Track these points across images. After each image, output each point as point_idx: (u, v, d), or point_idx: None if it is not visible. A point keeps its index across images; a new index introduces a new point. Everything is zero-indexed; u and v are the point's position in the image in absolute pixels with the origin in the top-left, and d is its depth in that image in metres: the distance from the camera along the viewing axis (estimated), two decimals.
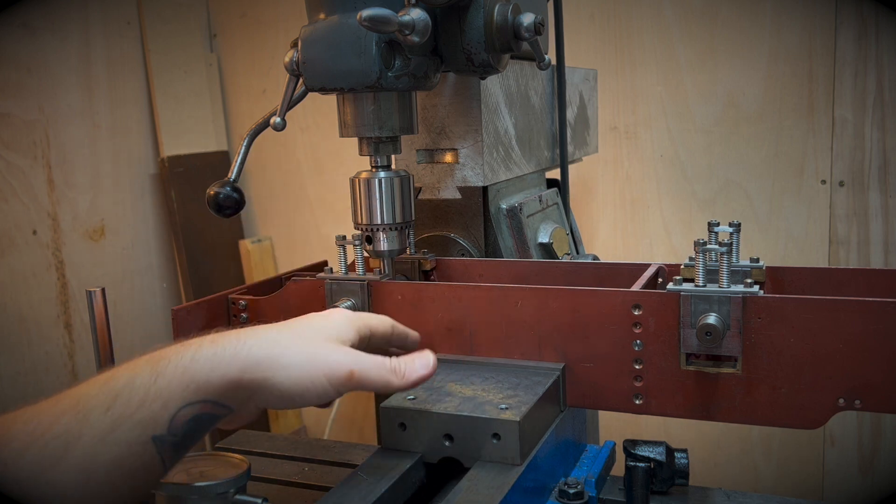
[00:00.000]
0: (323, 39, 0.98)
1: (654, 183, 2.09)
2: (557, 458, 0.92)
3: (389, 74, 0.98)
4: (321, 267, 1.18)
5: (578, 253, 1.49)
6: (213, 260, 2.57)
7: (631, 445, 0.93)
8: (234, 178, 1.08)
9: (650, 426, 2.11)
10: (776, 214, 1.98)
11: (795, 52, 1.89)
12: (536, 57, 1.11)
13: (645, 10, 2.02)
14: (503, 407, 0.85)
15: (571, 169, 1.50)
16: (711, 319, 0.85)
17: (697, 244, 0.88)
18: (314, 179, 2.58)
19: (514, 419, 0.82)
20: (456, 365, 0.99)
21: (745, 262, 1.00)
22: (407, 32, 0.92)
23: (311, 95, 1.05)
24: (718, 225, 0.94)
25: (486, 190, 1.21)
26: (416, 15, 0.92)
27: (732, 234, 0.96)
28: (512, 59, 1.17)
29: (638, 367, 0.92)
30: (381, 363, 0.76)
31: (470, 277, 1.16)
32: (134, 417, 0.64)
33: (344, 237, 1.07)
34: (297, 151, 2.58)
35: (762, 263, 1.01)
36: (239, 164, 1.09)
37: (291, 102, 1.06)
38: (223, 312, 1.14)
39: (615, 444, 1.02)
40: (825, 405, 0.85)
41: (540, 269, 1.14)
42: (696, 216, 2.06)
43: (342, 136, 1.07)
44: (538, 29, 1.04)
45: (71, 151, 2.22)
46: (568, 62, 1.47)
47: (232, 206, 1.06)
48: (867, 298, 0.82)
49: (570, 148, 1.49)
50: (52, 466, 0.61)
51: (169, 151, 2.46)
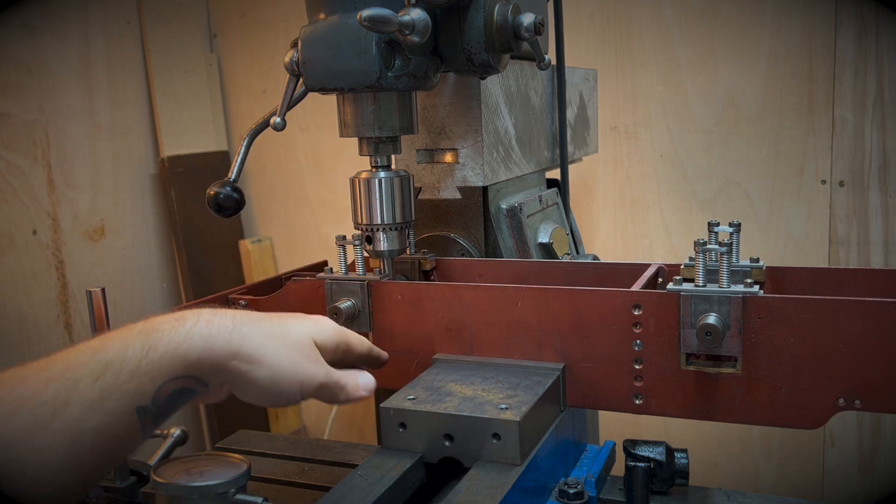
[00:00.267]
0: (323, 39, 0.98)
1: (654, 183, 2.09)
2: (557, 458, 0.92)
3: (389, 74, 0.98)
4: (321, 267, 1.18)
5: (578, 253, 1.49)
6: (213, 260, 2.57)
7: (631, 445, 0.93)
8: (234, 178, 1.08)
9: (650, 426, 2.11)
10: (776, 214, 1.98)
11: (795, 52, 1.89)
12: (536, 57, 1.10)
13: (645, 10, 2.02)
14: (503, 407, 0.85)
15: (571, 169, 1.50)
16: (711, 319, 0.85)
17: (697, 244, 0.88)
18: (314, 179, 2.58)
19: (514, 419, 0.82)
20: (456, 365, 0.99)
21: (745, 262, 1.00)
22: (407, 32, 0.92)
23: (311, 95, 1.05)
24: (718, 225, 0.94)
25: (486, 190, 1.21)
26: (416, 15, 0.92)
27: (732, 234, 0.96)
28: (512, 59, 1.17)
29: (638, 367, 0.92)
30: (341, 381, 0.81)
31: (470, 277, 1.16)
32: (122, 388, 0.66)
33: (344, 237, 1.07)
34: (297, 151, 2.58)
35: (762, 263, 1.01)
36: (239, 164, 1.09)
37: (291, 102, 1.06)
38: None
39: (615, 444, 1.02)
40: (825, 405, 0.85)
41: (540, 269, 1.14)
42: (696, 216, 2.06)
43: (342, 136, 1.07)
44: (538, 29, 1.04)
45: (71, 151, 2.22)
46: (568, 62, 1.47)
47: (232, 206, 1.06)
48: (867, 298, 0.82)
49: (570, 148, 1.49)
50: (40, 430, 0.63)
51: (169, 151, 2.46)
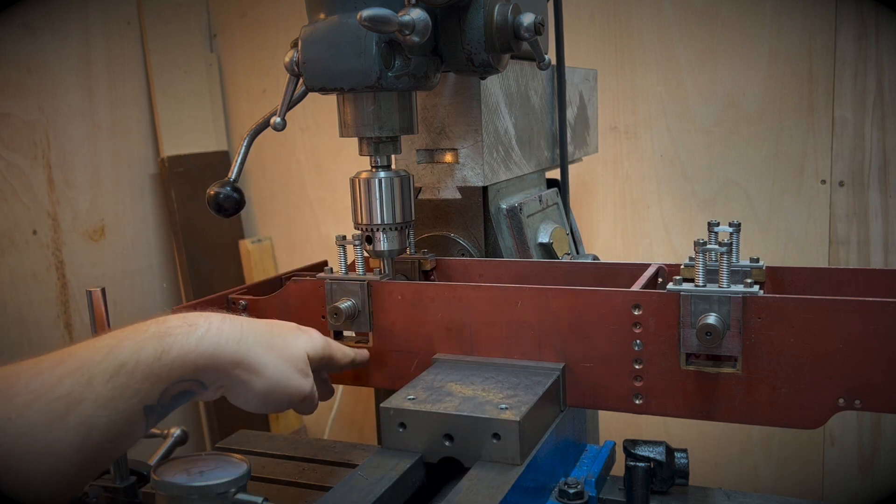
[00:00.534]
0: (323, 39, 0.98)
1: (654, 183, 2.09)
2: (557, 458, 0.92)
3: (389, 74, 0.98)
4: (321, 267, 1.18)
5: (578, 253, 1.49)
6: (213, 260, 2.57)
7: (631, 445, 0.93)
8: (234, 178, 1.08)
9: (650, 426, 2.11)
10: (776, 214, 1.98)
11: (795, 52, 1.89)
12: (536, 57, 1.10)
13: (645, 10, 2.02)
14: (503, 407, 0.85)
15: (571, 169, 1.50)
16: (711, 319, 0.85)
17: (697, 244, 0.88)
18: (314, 179, 2.58)
19: (514, 419, 0.82)
20: (456, 365, 0.99)
21: (745, 262, 1.00)
22: (407, 32, 0.92)
23: (311, 95, 1.05)
24: (718, 225, 0.94)
25: (486, 190, 1.21)
26: (416, 15, 0.92)
27: (732, 234, 0.96)
28: (512, 59, 1.17)
29: (638, 367, 0.92)
30: (316, 397, 0.91)
31: (470, 277, 1.16)
32: (133, 388, 0.70)
33: (344, 237, 1.07)
34: (297, 151, 2.58)
35: (762, 263, 1.01)
36: (239, 164, 1.09)
37: (291, 102, 1.06)
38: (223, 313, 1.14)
39: (615, 444, 1.02)
40: (825, 405, 0.85)
41: (540, 269, 1.14)
42: (696, 216, 2.06)
43: (342, 136, 1.07)
44: (538, 29, 1.04)
45: (71, 151, 2.22)
46: (568, 62, 1.47)
47: (232, 206, 1.06)
48: (867, 298, 0.82)
49: (570, 148, 1.49)
50: (54, 424, 0.66)
51: (169, 151, 2.45)
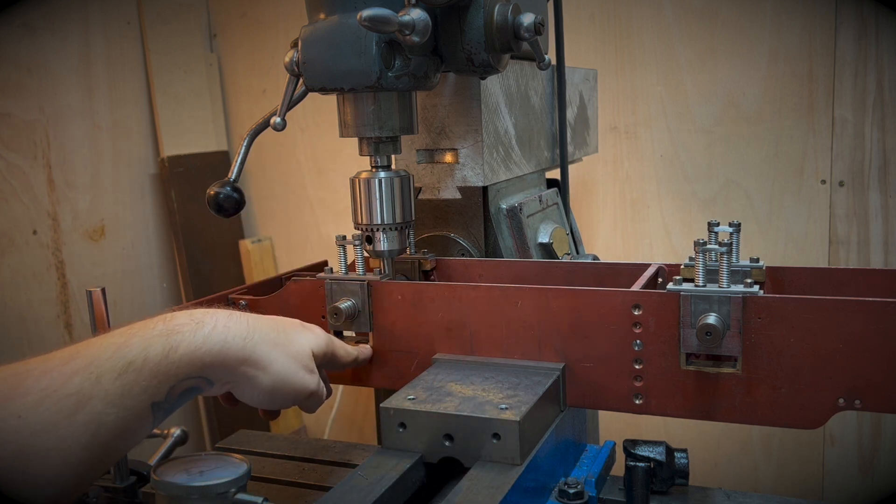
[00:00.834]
0: (323, 39, 0.98)
1: (654, 183, 2.09)
2: (557, 458, 0.92)
3: (389, 74, 0.98)
4: (321, 267, 1.18)
5: (578, 253, 1.49)
6: (213, 260, 2.57)
7: (631, 445, 0.93)
8: (234, 178, 1.08)
9: (650, 426, 2.11)
10: (776, 214, 1.98)
11: (795, 52, 1.89)
12: (536, 57, 1.10)
13: (645, 10, 2.02)
14: (503, 407, 0.85)
15: (571, 169, 1.50)
16: (711, 319, 0.85)
17: (697, 244, 0.88)
18: (314, 179, 2.58)
19: (514, 419, 0.82)
20: (456, 365, 0.99)
21: (745, 262, 1.00)
22: (407, 32, 0.92)
23: (311, 95, 1.05)
24: (718, 225, 0.94)
25: (486, 190, 1.21)
26: (416, 15, 0.92)
27: (732, 234, 0.96)
28: (512, 59, 1.17)
29: (638, 367, 0.92)
30: (322, 393, 0.91)
31: (470, 277, 1.16)
32: (141, 385, 0.71)
33: (344, 237, 1.07)
34: (297, 151, 2.58)
35: (762, 263, 1.01)
36: (239, 164, 1.09)
37: (291, 102, 1.06)
38: None
39: (615, 444, 1.02)
40: (825, 405, 0.85)
41: (540, 269, 1.14)
42: (696, 216, 2.06)
43: (342, 136, 1.07)
44: (538, 29, 1.04)
45: (71, 151, 2.22)
46: (568, 62, 1.47)
47: (232, 206, 1.06)
48: (867, 298, 0.82)
49: (570, 148, 1.49)
50: (63, 422, 0.67)
51: (169, 151, 2.46)
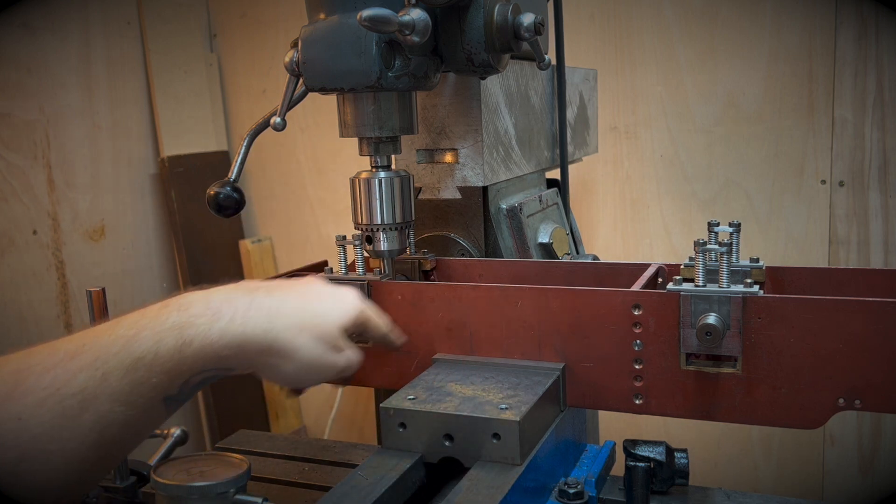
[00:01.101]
0: (323, 39, 0.98)
1: (654, 183, 2.09)
2: (557, 458, 0.92)
3: (389, 74, 0.98)
4: (321, 267, 1.18)
5: (578, 253, 1.49)
6: (213, 260, 2.57)
7: (631, 445, 0.93)
8: (234, 178, 1.08)
9: (650, 426, 2.11)
10: (776, 214, 1.98)
11: (795, 52, 1.89)
12: (536, 57, 1.10)
13: (645, 10, 2.02)
14: (503, 407, 0.85)
15: (571, 169, 1.50)
16: (711, 319, 0.85)
17: (697, 244, 0.88)
18: (314, 179, 2.58)
19: (514, 419, 0.82)
20: (456, 365, 0.99)
21: (745, 262, 1.00)
22: (407, 32, 0.92)
23: (311, 95, 1.05)
24: (718, 225, 0.94)
25: (486, 190, 1.21)
26: (416, 15, 0.92)
27: (732, 234, 0.96)
28: (512, 59, 1.16)
29: (638, 367, 0.92)
30: (352, 364, 0.83)
31: (470, 277, 1.16)
32: (152, 382, 0.66)
33: (344, 237, 1.07)
34: (297, 151, 2.58)
35: (762, 263, 1.01)
36: (239, 164, 1.09)
37: (291, 102, 1.06)
38: None
39: (615, 444, 1.02)
40: (825, 405, 0.85)
41: (540, 269, 1.14)
42: (696, 216, 2.06)
43: (342, 136, 1.07)
44: (538, 29, 1.04)
45: (71, 151, 2.22)
46: (568, 62, 1.47)
47: (232, 206, 1.06)
48: (867, 298, 0.82)
49: (570, 148, 1.49)
50: (68, 424, 0.63)
51: (169, 151, 2.45)
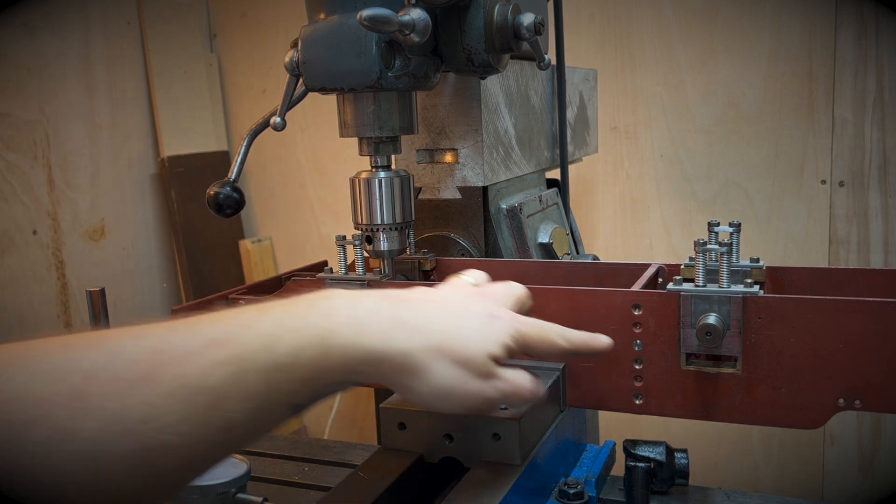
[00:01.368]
0: (323, 39, 0.98)
1: (654, 183, 2.09)
2: (557, 458, 0.92)
3: (389, 74, 0.98)
4: (321, 267, 1.18)
5: (578, 253, 1.49)
6: (213, 260, 2.57)
7: (631, 445, 0.93)
8: (234, 178, 1.08)
9: (650, 426, 2.11)
10: (776, 214, 1.98)
11: (795, 52, 1.89)
12: (536, 57, 1.10)
13: (645, 10, 2.02)
14: (503, 407, 0.85)
15: (571, 169, 1.50)
16: (711, 319, 0.85)
17: (697, 244, 0.88)
18: (314, 179, 2.58)
19: (514, 419, 0.82)
20: None
21: (745, 262, 1.00)
22: (407, 32, 0.92)
23: (311, 95, 1.05)
24: (718, 225, 0.94)
25: (486, 190, 1.21)
26: (416, 15, 0.92)
27: (732, 234, 0.96)
28: (512, 59, 1.16)
29: (638, 367, 0.92)
30: (508, 391, 0.72)
31: None
32: (286, 389, 0.60)
33: (344, 237, 1.07)
34: (297, 151, 2.58)
35: (762, 263, 1.00)
36: (239, 164, 1.09)
37: (291, 102, 1.06)
38: None
39: (615, 444, 1.02)
40: (825, 405, 0.85)
41: (540, 269, 1.13)
42: (696, 216, 2.06)
43: (342, 136, 1.07)
44: (538, 29, 1.04)
45: (71, 151, 2.22)
46: (568, 62, 1.47)
47: (232, 206, 1.06)
48: (867, 298, 0.82)
49: (570, 148, 1.49)
50: (199, 418, 0.55)
51: (169, 151, 2.46)
